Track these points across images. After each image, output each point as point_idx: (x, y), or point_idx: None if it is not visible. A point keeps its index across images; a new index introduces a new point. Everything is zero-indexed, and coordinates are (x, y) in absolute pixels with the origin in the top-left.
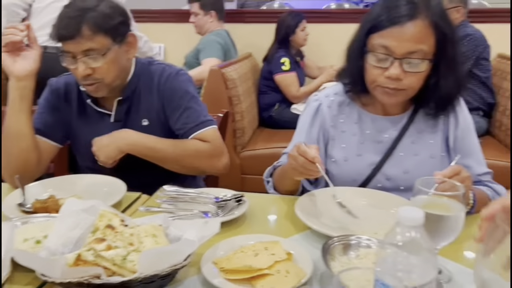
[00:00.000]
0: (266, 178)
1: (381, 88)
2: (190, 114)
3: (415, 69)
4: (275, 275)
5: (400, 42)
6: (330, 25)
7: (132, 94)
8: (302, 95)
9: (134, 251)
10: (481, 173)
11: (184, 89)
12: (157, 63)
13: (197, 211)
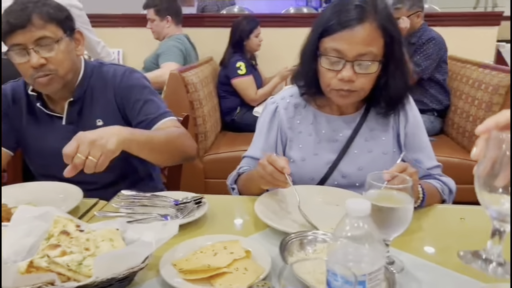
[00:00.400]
0: (231, 185)
1: (335, 91)
2: (151, 106)
3: (366, 70)
4: (233, 273)
5: (350, 45)
6: (289, 29)
7: (84, 94)
8: (260, 98)
9: (90, 256)
10: (431, 167)
11: (141, 84)
12: (108, 64)
13: (155, 214)
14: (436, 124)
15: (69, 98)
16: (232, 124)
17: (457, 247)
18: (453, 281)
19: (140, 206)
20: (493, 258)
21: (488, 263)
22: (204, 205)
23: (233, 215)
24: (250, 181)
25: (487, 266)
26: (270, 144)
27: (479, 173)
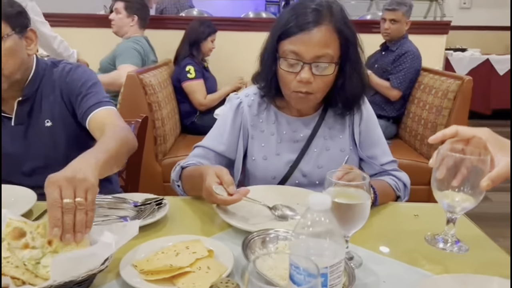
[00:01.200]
0: (175, 181)
1: (294, 93)
2: (91, 97)
3: (323, 72)
4: (196, 272)
5: (308, 47)
6: (248, 33)
7: (34, 94)
8: (208, 103)
9: (51, 252)
10: (386, 162)
11: (84, 78)
12: (61, 63)
13: (115, 216)
14: (391, 129)
15: (18, 97)
16: (192, 126)
17: (411, 242)
18: (408, 274)
19: (98, 209)
20: (449, 239)
21: (446, 243)
22: (165, 207)
23: (195, 216)
24: (194, 183)
25: (446, 245)
26: (233, 140)
27: (435, 177)
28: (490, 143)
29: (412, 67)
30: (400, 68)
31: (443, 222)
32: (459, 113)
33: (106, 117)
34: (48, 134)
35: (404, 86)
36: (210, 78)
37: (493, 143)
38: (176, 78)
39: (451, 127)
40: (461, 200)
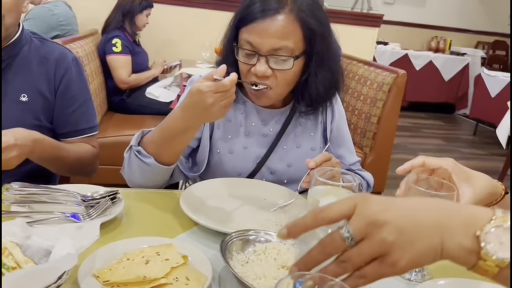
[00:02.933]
0: (135, 147)
1: (253, 90)
2: (87, 112)
3: (281, 66)
4: (173, 283)
5: (263, 39)
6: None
7: (12, 59)
8: (131, 81)
9: None
10: (352, 163)
11: (82, 83)
12: (50, 42)
13: (59, 213)
14: None
15: None
16: (121, 104)
17: None
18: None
19: (37, 203)
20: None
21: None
22: (121, 202)
23: (153, 213)
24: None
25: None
26: None
27: None
28: (455, 174)
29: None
30: None
31: None
32: (392, 105)
33: (94, 141)
34: (20, 109)
35: None
36: (141, 53)
37: (458, 174)
38: (102, 50)
39: (418, 158)
40: None
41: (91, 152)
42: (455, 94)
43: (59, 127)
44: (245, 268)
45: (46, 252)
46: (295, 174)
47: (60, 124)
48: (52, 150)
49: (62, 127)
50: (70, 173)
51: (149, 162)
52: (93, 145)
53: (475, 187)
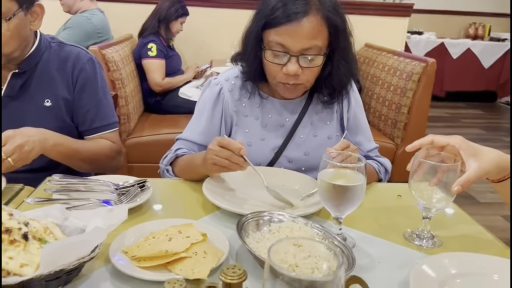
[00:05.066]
0: (165, 166)
1: (281, 84)
2: (100, 111)
3: (311, 64)
4: (192, 257)
5: (295, 40)
6: (217, 10)
7: (33, 69)
8: (165, 85)
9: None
10: (370, 149)
11: (99, 81)
12: (69, 45)
13: (94, 200)
14: None
15: (13, 70)
16: (156, 105)
17: (398, 221)
18: (397, 253)
19: (75, 192)
20: (425, 236)
21: (422, 239)
22: (149, 189)
23: (179, 199)
24: (191, 166)
25: (421, 241)
26: (213, 128)
27: (412, 180)
28: (463, 150)
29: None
30: None
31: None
32: (422, 95)
33: (114, 137)
34: (45, 114)
35: None
36: (175, 57)
37: (466, 150)
38: (138, 54)
39: (427, 136)
40: (436, 201)
41: (109, 147)
42: (496, 82)
43: (79, 125)
44: (259, 244)
45: (82, 231)
46: (312, 162)
47: (78, 122)
48: (65, 142)
49: (80, 125)
50: (92, 169)
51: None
52: (112, 141)
53: (482, 161)
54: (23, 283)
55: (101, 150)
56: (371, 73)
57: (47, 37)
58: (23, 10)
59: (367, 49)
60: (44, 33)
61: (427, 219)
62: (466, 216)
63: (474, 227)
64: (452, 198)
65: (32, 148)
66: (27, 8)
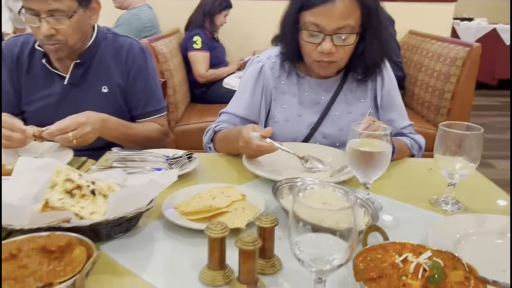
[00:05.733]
0: (207, 143)
1: (317, 62)
2: (152, 97)
3: (344, 42)
4: (233, 212)
5: (329, 20)
6: (259, 2)
7: (91, 59)
8: (209, 76)
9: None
10: (404, 126)
11: (150, 69)
12: (122, 36)
13: (149, 168)
14: None
15: (75, 60)
16: (202, 95)
17: (426, 191)
18: (422, 216)
19: (131, 162)
20: (449, 201)
21: (447, 204)
22: (195, 160)
23: (222, 169)
24: (229, 142)
25: (447, 206)
26: (255, 102)
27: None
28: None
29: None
30: None
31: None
32: (466, 80)
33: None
34: (103, 100)
35: None
36: (219, 48)
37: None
38: (184, 47)
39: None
40: (459, 168)
41: (157, 129)
42: None
43: (132, 110)
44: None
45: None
46: (346, 138)
47: (132, 107)
48: (120, 127)
49: (133, 110)
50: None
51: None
52: (160, 124)
53: None
54: (93, 225)
55: (150, 133)
56: (414, 60)
57: (103, 29)
58: (82, 7)
59: (411, 36)
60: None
61: (452, 186)
62: (489, 183)
63: (496, 192)
64: (475, 165)
65: (94, 134)
66: (86, 5)
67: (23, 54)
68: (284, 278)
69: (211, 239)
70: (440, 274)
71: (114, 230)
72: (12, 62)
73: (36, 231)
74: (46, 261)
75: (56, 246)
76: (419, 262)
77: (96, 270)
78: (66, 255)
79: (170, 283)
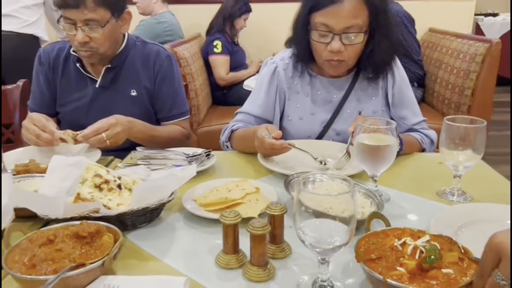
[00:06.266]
0: (225, 142)
1: (327, 62)
2: (176, 101)
3: (353, 41)
4: (247, 203)
5: (337, 20)
6: (277, 5)
7: (122, 64)
8: (229, 79)
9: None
10: (416, 123)
11: (175, 75)
12: (150, 43)
13: (170, 165)
14: (417, 93)
15: (106, 65)
16: (223, 98)
17: (434, 183)
18: (428, 206)
19: (155, 159)
20: (455, 192)
21: (453, 195)
22: (213, 157)
23: (239, 166)
24: (245, 141)
25: (453, 197)
26: (269, 102)
27: (441, 142)
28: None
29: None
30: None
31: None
32: (487, 77)
33: (185, 124)
34: (131, 102)
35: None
36: (239, 52)
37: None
38: (205, 51)
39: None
40: (463, 160)
41: (180, 132)
42: None
43: (157, 112)
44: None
45: None
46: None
47: (158, 109)
48: (145, 129)
49: (159, 112)
50: (163, 146)
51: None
52: (183, 127)
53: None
54: (119, 215)
55: (173, 135)
56: (434, 58)
57: (132, 37)
58: (115, 17)
59: (431, 34)
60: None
61: (458, 177)
62: (496, 174)
63: (503, 183)
64: (479, 156)
65: (124, 134)
66: (118, 16)
67: (59, 58)
68: (293, 262)
69: (225, 226)
70: (435, 255)
71: (138, 220)
72: (49, 66)
73: (69, 220)
74: (79, 245)
75: (87, 233)
76: (416, 245)
77: (123, 255)
78: (96, 241)
79: (189, 266)
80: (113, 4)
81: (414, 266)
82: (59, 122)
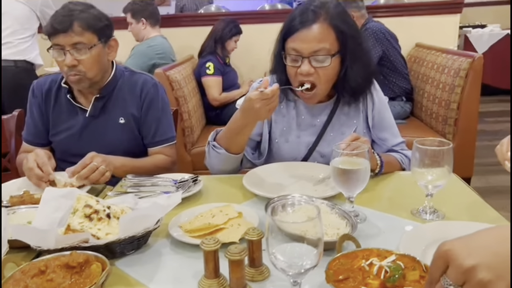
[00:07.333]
0: (211, 141)
1: (301, 93)
2: (159, 127)
3: (322, 64)
4: (229, 228)
5: (306, 44)
6: (265, 25)
7: (110, 93)
8: (222, 99)
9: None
10: (396, 144)
11: (161, 102)
12: (138, 73)
13: (159, 191)
14: (406, 108)
15: (95, 94)
16: (216, 118)
17: (409, 202)
18: (402, 225)
19: (144, 187)
20: (427, 210)
21: (426, 213)
22: (200, 182)
23: (224, 190)
24: (236, 130)
25: (426, 215)
26: (257, 124)
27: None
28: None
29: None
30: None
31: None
32: (471, 90)
33: (169, 151)
34: (120, 130)
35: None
36: (231, 72)
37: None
38: (198, 73)
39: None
40: (432, 179)
41: (164, 160)
42: None
43: (143, 138)
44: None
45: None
46: None
47: (143, 136)
48: (127, 164)
49: (145, 138)
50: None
51: (221, 153)
52: (167, 155)
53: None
54: (108, 244)
55: (157, 165)
56: (421, 72)
57: (121, 67)
58: (102, 43)
59: (418, 49)
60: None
61: (430, 196)
62: (470, 192)
63: (474, 199)
64: (448, 176)
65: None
66: (104, 41)
67: (51, 91)
68: (271, 283)
69: (205, 252)
70: (398, 275)
71: (126, 248)
72: (42, 98)
73: (60, 250)
74: (69, 275)
75: (77, 263)
76: (381, 265)
77: (111, 282)
78: (85, 270)
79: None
80: (100, 30)
81: (378, 286)
82: (52, 150)
